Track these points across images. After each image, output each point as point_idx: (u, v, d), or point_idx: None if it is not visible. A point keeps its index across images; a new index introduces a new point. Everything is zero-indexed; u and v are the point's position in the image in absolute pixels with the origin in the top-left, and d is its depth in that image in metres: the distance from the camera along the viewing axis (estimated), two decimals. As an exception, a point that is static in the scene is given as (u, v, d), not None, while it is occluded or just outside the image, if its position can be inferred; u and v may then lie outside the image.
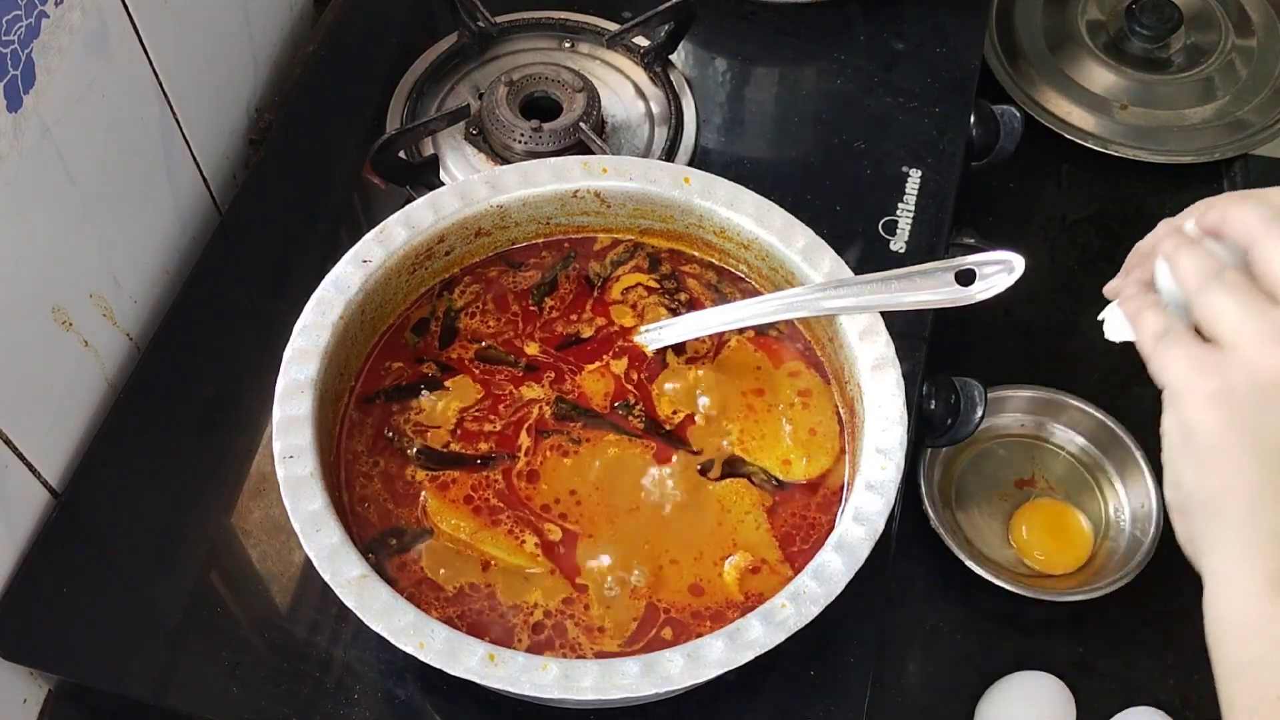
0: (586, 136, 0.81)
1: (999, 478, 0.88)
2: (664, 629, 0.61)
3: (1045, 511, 0.86)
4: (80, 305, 0.72)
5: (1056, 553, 0.85)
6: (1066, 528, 0.86)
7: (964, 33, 0.96)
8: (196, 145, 0.83)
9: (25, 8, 0.61)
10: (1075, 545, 0.85)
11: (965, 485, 0.88)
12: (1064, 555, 0.85)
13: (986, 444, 0.89)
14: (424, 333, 0.69)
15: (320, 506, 0.58)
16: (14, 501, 0.68)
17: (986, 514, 0.87)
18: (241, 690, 0.64)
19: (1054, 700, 0.78)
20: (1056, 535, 0.85)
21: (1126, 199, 1.05)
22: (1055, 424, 0.90)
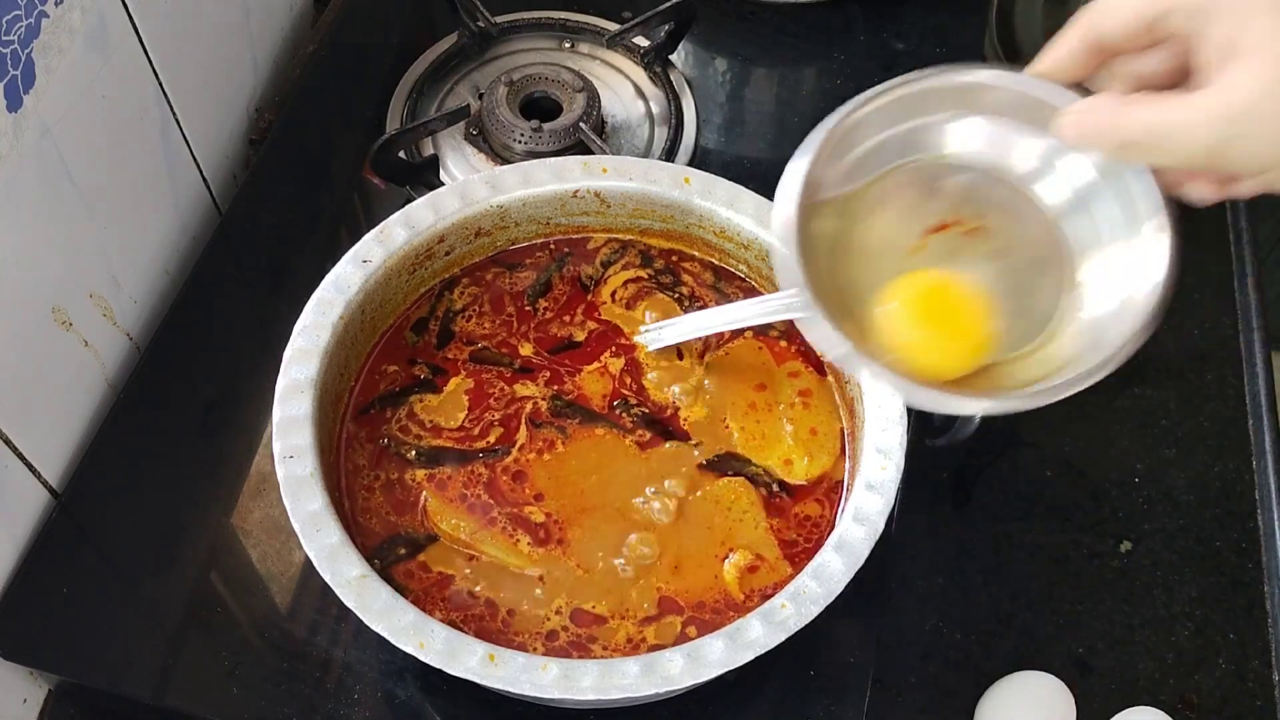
0: (586, 136, 0.81)
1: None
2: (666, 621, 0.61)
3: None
4: (80, 305, 0.72)
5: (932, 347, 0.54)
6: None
7: (964, 33, 0.96)
8: (196, 145, 0.83)
9: (25, 8, 0.61)
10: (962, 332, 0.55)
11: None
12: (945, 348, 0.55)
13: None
14: (423, 332, 0.70)
15: (320, 506, 0.58)
16: (14, 501, 0.68)
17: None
18: (241, 690, 0.64)
19: (1054, 700, 0.78)
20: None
21: (1126, 199, 1.05)
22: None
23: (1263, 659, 0.82)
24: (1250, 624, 0.83)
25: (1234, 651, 0.82)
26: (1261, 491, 0.89)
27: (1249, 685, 0.81)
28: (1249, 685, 0.81)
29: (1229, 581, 0.85)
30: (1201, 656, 0.81)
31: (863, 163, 0.55)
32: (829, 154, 0.53)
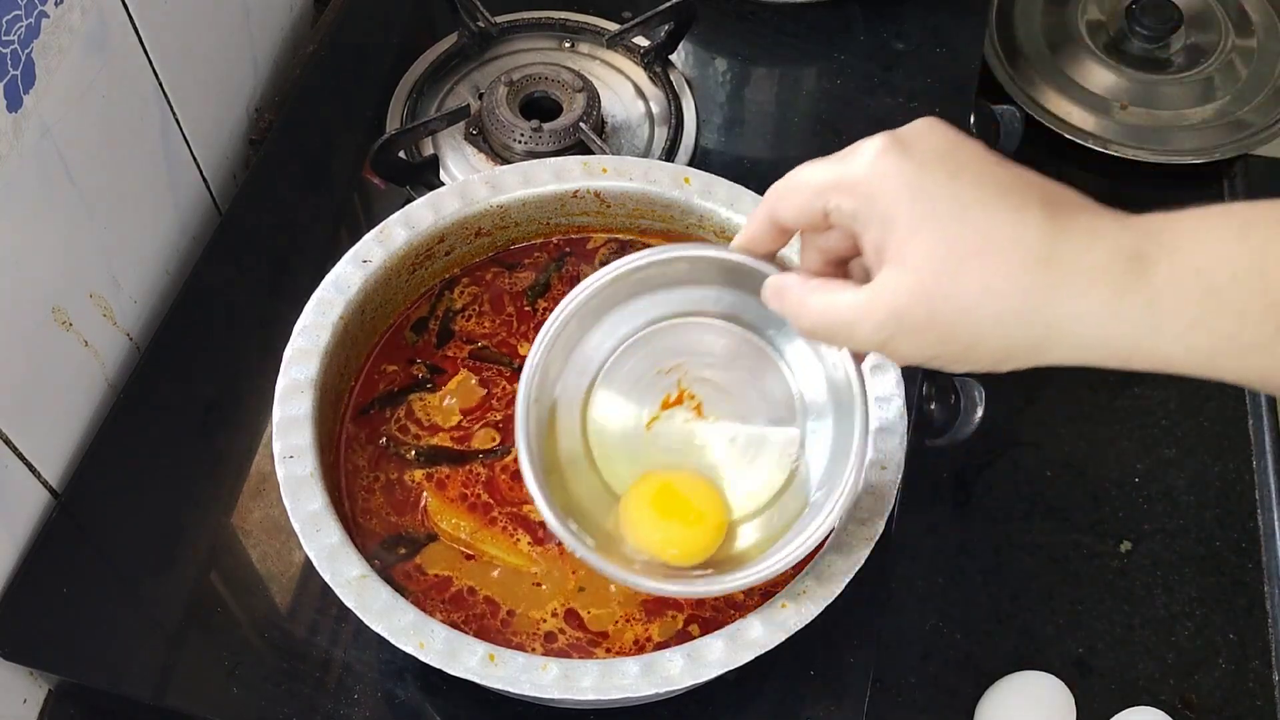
0: (586, 136, 0.81)
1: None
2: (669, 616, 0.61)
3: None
4: (80, 305, 0.72)
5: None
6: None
7: (964, 33, 0.96)
8: (196, 145, 0.83)
9: (25, 8, 0.61)
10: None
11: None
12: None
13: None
14: (423, 331, 0.70)
15: (320, 506, 0.58)
16: (14, 501, 0.68)
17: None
18: (241, 690, 0.64)
19: (1054, 700, 0.78)
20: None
21: (1126, 199, 1.03)
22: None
23: (1263, 659, 0.82)
24: (1250, 624, 0.83)
25: (1234, 651, 0.82)
26: (1261, 491, 0.89)
27: (1249, 685, 0.81)
28: (1249, 685, 0.81)
29: (1229, 581, 0.85)
30: (1201, 656, 0.82)
31: (598, 349, 0.57)
32: (560, 349, 0.56)
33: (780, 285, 0.49)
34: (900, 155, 0.42)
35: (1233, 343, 0.39)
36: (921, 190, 0.41)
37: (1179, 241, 0.40)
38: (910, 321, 0.42)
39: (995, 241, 0.40)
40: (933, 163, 0.42)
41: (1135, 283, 0.39)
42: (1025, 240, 0.40)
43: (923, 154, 0.42)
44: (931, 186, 0.41)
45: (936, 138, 0.43)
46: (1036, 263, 0.40)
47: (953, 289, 0.41)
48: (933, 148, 0.42)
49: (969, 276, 0.40)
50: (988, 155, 0.43)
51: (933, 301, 0.41)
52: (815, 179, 0.45)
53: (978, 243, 0.40)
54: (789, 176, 0.47)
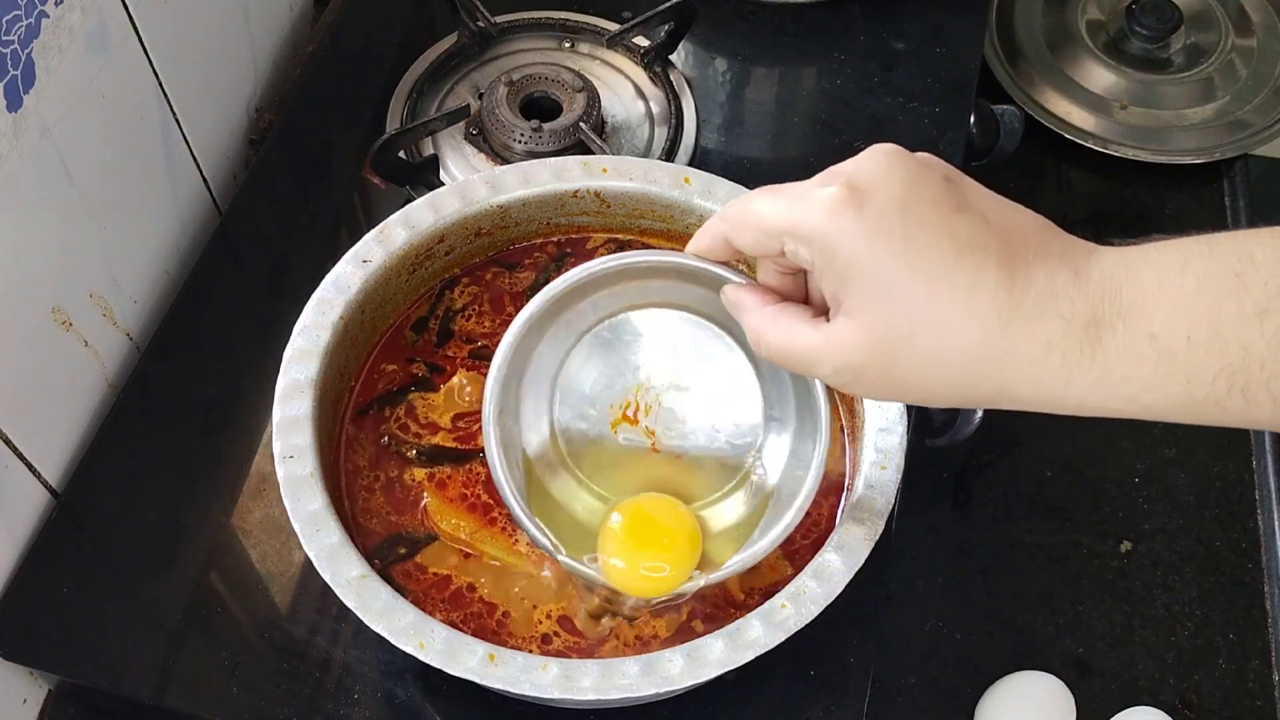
0: (586, 136, 0.81)
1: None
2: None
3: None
4: (80, 305, 0.72)
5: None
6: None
7: (964, 33, 0.96)
8: (196, 145, 0.83)
9: (25, 8, 0.61)
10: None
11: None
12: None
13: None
14: (423, 330, 0.70)
15: (320, 506, 0.58)
16: (14, 501, 0.68)
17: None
18: (241, 690, 0.64)
19: (1054, 700, 0.78)
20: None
21: (1126, 199, 1.05)
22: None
23: (1263, 659, 0.82)
24: (1250, 624, 0.83)
25: (1234, 651, 0.82)
26: (1261, 491, 0.89)
27: (1249, 685, 0.81)
28: (1249, 685, 0.81)
29: (1229, 581, 0.85)
30: (1201, 656, 0.82)
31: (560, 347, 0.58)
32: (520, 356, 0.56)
33: (737, 304, 0.49)
34: (857, 211, 0.41)
35: (1186, 401, 0.39)
36: (877, 254, 0.41)
37: (1137, 300, 0.39)
38: (866, 375, 0.43)
39: (949, 310, 0.40)
40: (889, 220, 0.41)
41: (1088, 353, 0.39)
42: (979, 310, 0.40)
43: (879, 208, 0.41)
44: (887, 250, 0.41)
45: (895, 184, 0.42)
46: (989, 334, 0.40)
47: (906, 354, 0.41)
48: (890, 199, 0.41)
49: (922, 343, 0.41)
50: (947, 198, 0.42)
51: (887, 361, 0.42)
52: (771, 220, 0.44)
53: (931, 311, 0.40)
54: (744, 207, 0.46)
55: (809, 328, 0.45)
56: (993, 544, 0.86)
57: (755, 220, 0.45)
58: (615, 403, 0.59)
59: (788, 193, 0.44)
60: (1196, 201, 1.04)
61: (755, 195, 0.46)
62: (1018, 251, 0.40)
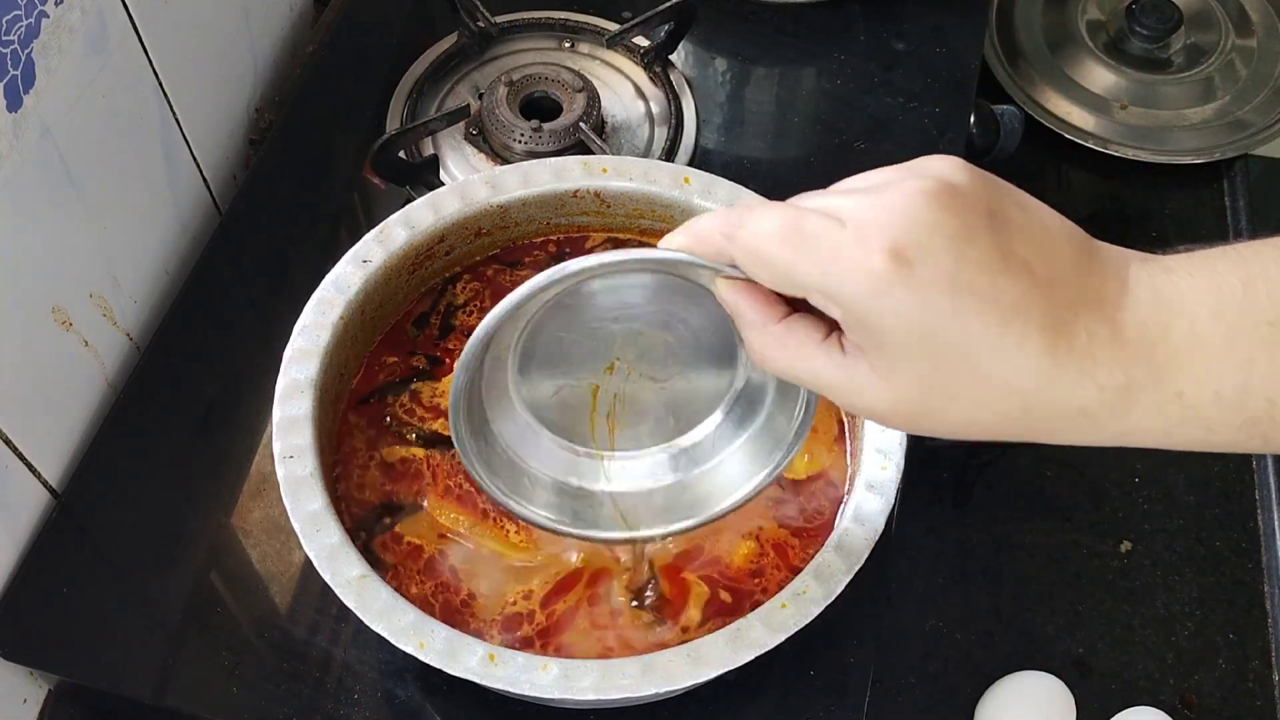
0: (586, 136, 0.81)
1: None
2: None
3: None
4: (80, 305, 0.72)
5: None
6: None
7: (964, 33, 0.96)
8: (196, 145, 0.83)
9: (25, 8, 0.61)
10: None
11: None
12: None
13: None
14: (425, 326, 0.70)
15: (320, 506, 0.58)
16: (14, 501, 0.68)
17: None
18: (241, 690, 0.64)
19: (1054, 700, 0.78)
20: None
21: (1127, 199, 1.05)
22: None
23: (1263, 659, 0.82)
24: (1250, 624, 0.83)
25: (1234, 651, 0.82)
26: (1261, 491, 0.89)
27: (1249, 685, 0.81)
28: (1249, 685, 0.81)
29: (1229, 581, 0.85)
30: (1201, 656, 0.82)
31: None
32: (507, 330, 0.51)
33: (736, 311, 0.43)
34: (903, 287, 0.37)
35: (1203, 444, 0.40)
36: (919, 330, 0.38)
37: (1171, 358, 0.38)
38: (888, 420, 0.41)
39: (988, 383, 0.39)
40: (937, 295, 0.37)
41: (1119, 414, 0.39)
42: (1019, 384, 0.38)
43: (927, 284, 0.37)
44: (932, 324, 0.37)
45: (942, 248, 0.37)
46: (1027, 403, 0.39)
47: (940, 416, 0.40)
48: (938, 271, 0.37)
49: (955, 409, 0.40)
50: (994, 252, 0.38)
51: (914, 418, 0.41)
52: (799, 276, 0.39)
53: (971, 384, 0.39)
54: (762, 245, 0.40)
55: (824, 356, 0.41)
56: (993, 544, 0.86)
57: (779, 268, 0.40)
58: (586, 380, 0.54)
59: (813, 236, 0.39)
60: (1196, 201, 1.04)
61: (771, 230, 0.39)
62: (1059, 305, 0.38)
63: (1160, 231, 1.02)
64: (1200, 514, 0.88)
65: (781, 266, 0.39)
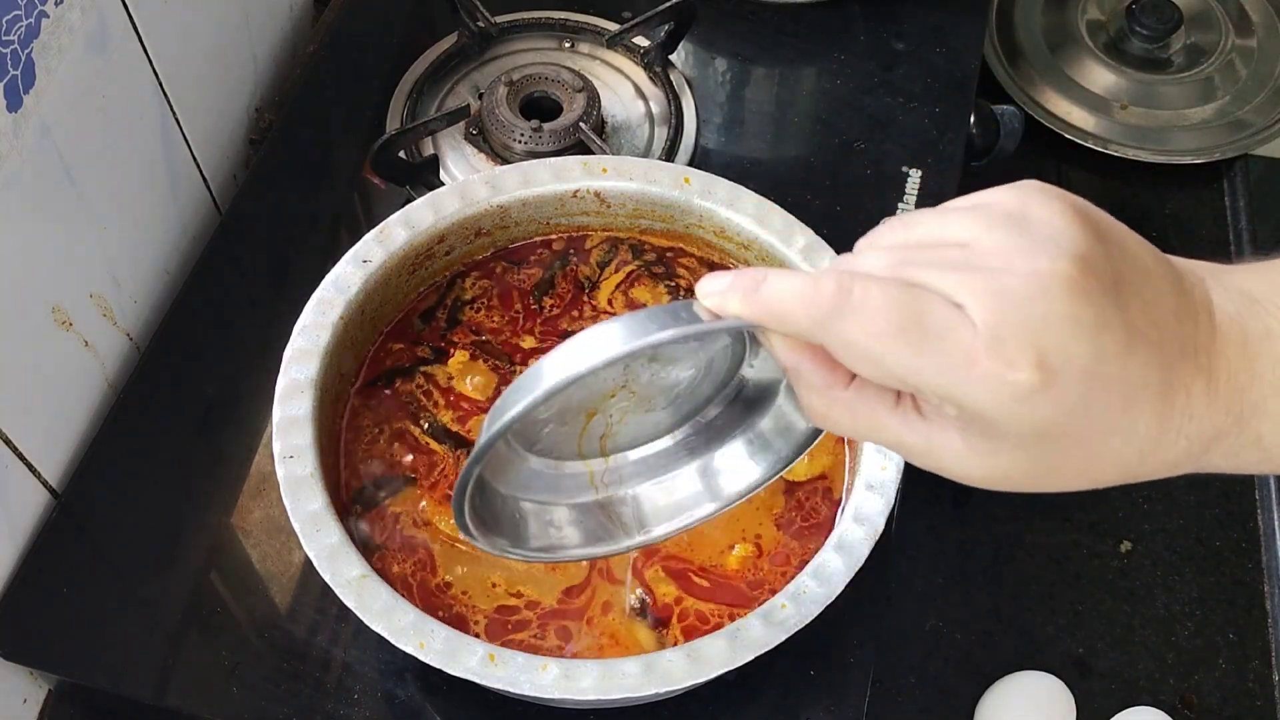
0: (586, 136, 0.81)
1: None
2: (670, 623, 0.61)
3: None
4: (80, 305, 0.72)
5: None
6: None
7: (964, 32, 0.96)
8: (196, 145, 0.83)
9: (25, 8, 0.61)
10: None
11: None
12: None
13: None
14: (431, 320, 0.70)
15: (320, 506, 0.58)
16: (14, 501, 0.68)
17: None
18: (241, 690, 0.64)
19: (1054, 700, 0.78)
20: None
21: (1127, 199, 1.05)
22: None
23: (1263, 659, 0.82)
24: (1250, 624, 0.83)
25: (1234, 651, 0.82)
26: (1261, 491, 0.89)
27: (1249, 685, 0.81)
28: (1249, 685, 0.81)
29: (1229, 581, 0.85)
30: (1202, 656, 0.82)
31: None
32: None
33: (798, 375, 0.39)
34: (1044, 394, 0.34)
35: (1267, 472, 0.39)
36: (1049, 427, 0.35)
37: (1255, 406, 0.36)
38: (968, 482, 0.38)
39: (1097, 459, 0.36)
40: (1074, 391, 0.34)
41: (1195, 460, 0.37)
42: (1125, 455, 0.36)
43: (1067, 382, 0.34)
44: (1063, 421, 0.35)
45: (1084, 348, 0.34)
46: (1124, 471, 0.37)
47: (1029, 485, 0.37)
48: (1079, 373, 0.34)
49: (1052, 480, 0.37)
50: (1124, 331, 0.34)
51: (1002, 485, 0.38)
52: (919, 378, 0.35)
53: (1078, 461, 0.36)
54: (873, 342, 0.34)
55: (899, 422, 0.38)
56: (993, 544, 0.86)
57: (893, 368, 0.35)
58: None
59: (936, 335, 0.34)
60: (1196, 201, 1.04)
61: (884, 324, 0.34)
62: (1167, 368, 0.36)
63: (1160, 231, 1.02)
64: (1200, 514, 0.88)
65: (897, 368, 0.35)
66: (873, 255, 0.37)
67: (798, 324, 0.36)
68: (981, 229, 0.35)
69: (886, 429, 0.38)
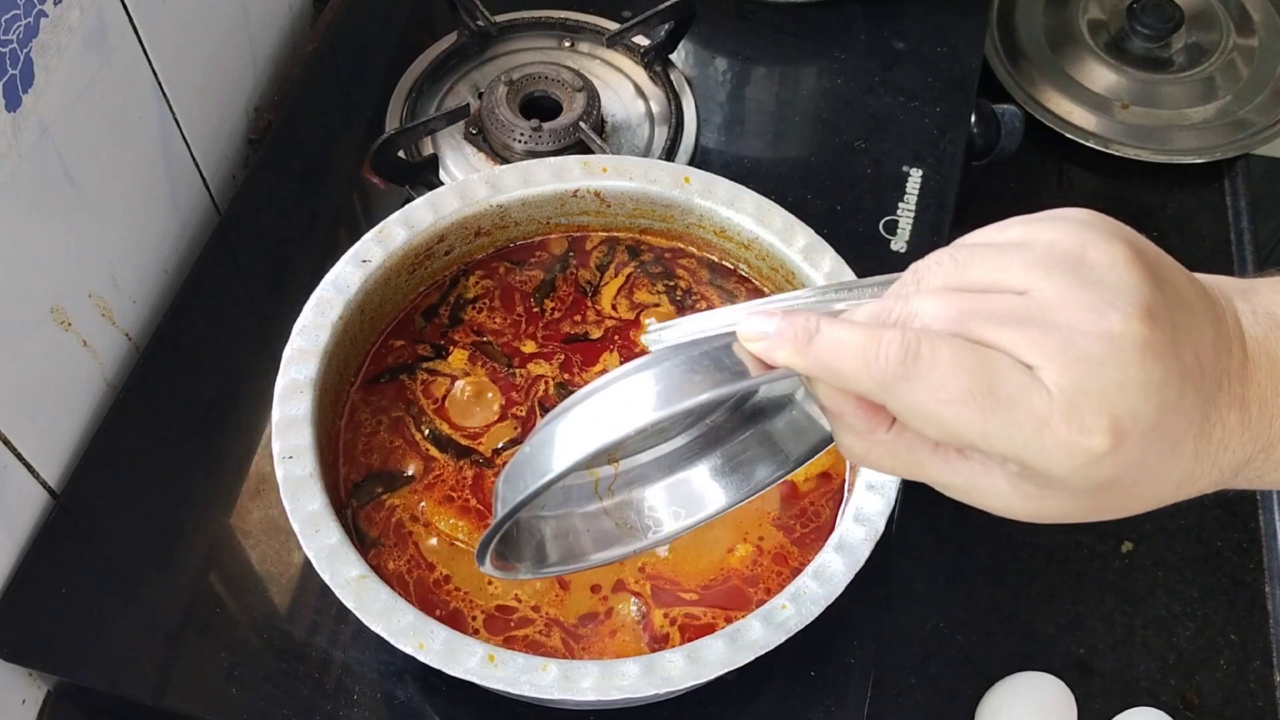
0: (586, 136, 0.81)
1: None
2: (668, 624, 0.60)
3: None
4: (79, 305, 0.72)
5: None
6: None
7: (965, 32, 0.96)
8: (195, 145, 0.83)
9: (24, 7, 0.61)
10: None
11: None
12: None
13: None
14: (433, 317, 0.70)
15: (320, 506, 0.57)
16: (13, 502, 0.68)
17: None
18: (241, 691, 0.64)
19: (1054, 700, 0.78)
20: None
21: (1128, 198, 1.05)
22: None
23: (1264, 659, 0.82)
24: (1251, 624, 0.83)
25: (1235, 652, 0.82)
26: (1262, 492, 0.89)
27: (1250, 686, 0.81)
28: (1250, 686, 0.81)
29: (1230, 582, 0.85)
30: (1202, 657, 0.81)
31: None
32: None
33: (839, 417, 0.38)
34: (1114, 459, 0.34)
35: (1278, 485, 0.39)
36: (1109, 484, 0.35)
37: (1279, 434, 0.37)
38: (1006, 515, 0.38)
39: (1139, 499, 0.37)
40: (1138, 451, 0.34)
41: (1222, 484, 0.38)
42: (1164, 492, 0.37)
43: (1135, 445, 0.34)
44: (1122, 477, 0.35)
45: (1152, 406, 0.34)
46: (1159, 502, 0.37)
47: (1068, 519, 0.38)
48: (1146, 427, 0.34)
49: (1096, 515, 0.37)
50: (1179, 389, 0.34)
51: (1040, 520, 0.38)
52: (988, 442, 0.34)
53: (1122, 501, 0.36)
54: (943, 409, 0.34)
55: (940, 463, 0.37)
56: (993, 544, 0.86)
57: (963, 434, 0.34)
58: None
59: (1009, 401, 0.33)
60: (1198, 201, 1.04)
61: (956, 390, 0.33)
62: (1207, 402, 0.36)
63: (1161, 231, 1.02)
64: (1201, 514, 0.88)
65: (966, 434, 0.34)
66: (928, 303, 0.35)
67: (859, 383, 0.35)
68: (1041, 275, 0.34)
69: (927, 469, 0.38)
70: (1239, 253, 1.00)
